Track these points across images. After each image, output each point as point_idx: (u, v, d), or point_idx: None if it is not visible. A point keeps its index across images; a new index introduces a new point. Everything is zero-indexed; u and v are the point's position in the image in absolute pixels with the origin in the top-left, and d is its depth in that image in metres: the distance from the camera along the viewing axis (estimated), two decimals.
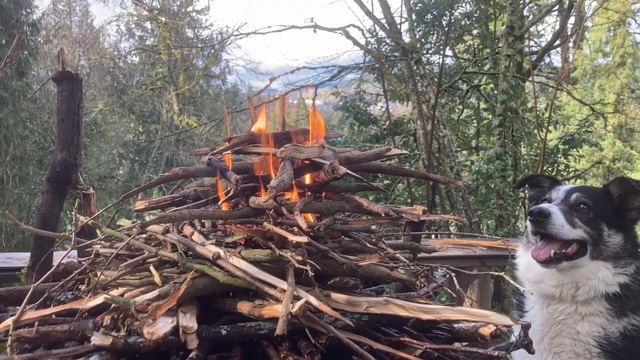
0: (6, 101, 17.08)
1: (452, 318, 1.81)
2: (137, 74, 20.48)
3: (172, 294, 1.63)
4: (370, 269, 1.96)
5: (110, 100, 19.96)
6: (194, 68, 20.29)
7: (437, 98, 8.12)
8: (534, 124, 11.90)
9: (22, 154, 17.74)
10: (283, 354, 1.76)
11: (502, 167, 8.01)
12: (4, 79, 15.73)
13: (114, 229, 2.22)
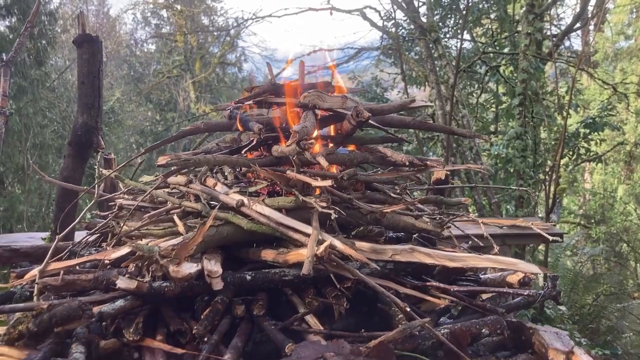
0: (25, 90, 17.27)
1: (479, 265, 1.78)
2: (154, 62, 20.55)
3: (198, 231, 1.61)
4: (395, 219, 1.93)
5: (127, 89, 20.07)
6: (210, 56, 20.30)
7: (456, 78, 8.00)
8: (554, 107, 11.70)
9: (41, 142, 17.95)
10: (308, 299, 1.74)
11: (522, 147, 7.89)
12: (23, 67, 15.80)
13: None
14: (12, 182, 17.60)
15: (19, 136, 17.12)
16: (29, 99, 17.13)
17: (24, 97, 17.01)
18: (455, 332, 1.66)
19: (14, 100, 15.75)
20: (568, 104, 9.26)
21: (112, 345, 1.56)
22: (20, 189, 16.63)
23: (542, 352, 1.66)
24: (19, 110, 16.84)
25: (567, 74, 15.25)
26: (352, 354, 1.42)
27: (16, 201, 16.43)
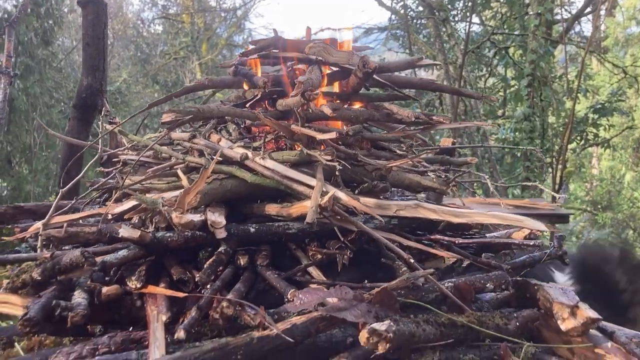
0: (32, 69, 17.28)
1: (485, 221, 1.76)
2: (161, 43, 20.48)
3: (201, 176, 1.60)
4: (400, 176, 1.91)
5: (134, 70, 20.03)
6: (217, 37, 20.19)
7: (464, 58, 7.93)
8: (562, 91, 11.58)
9: (48, 121, 18.00)
10: (311, 252, 1.73)
11: (530, 129, 7.83)
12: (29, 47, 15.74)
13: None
14: (19, 161, 17.68)
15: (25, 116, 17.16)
16: (36, 79, 17.14)
17: (31, 76, 17.03)
18: (459, 285, 1.64)
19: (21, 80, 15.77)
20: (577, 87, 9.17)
21: (114, 292, 1.56)
22: (27, 168, 16.71)
23: (547, 307, 1.64)
24: (26, 90, 16.87)
25: (576, 60, 15.07)
26: (355, 300, 1.41)
27: (23, 181, 16.53)
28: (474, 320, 1.51)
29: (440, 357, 1.44)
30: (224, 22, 20.05)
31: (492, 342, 1.53)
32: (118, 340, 1.40)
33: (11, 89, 14.47)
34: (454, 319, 1.48)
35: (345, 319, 1.35)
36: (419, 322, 1.41)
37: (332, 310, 1.35)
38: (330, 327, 1.38)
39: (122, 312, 1.64)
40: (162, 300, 1.47)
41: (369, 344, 1.31)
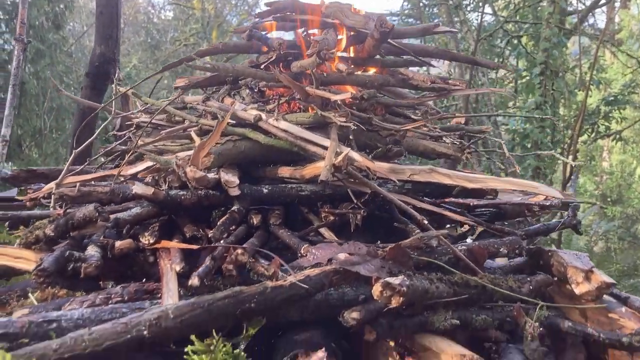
0: (43, 53, 17.32)
1: (499, 187, 1.75)
2: (171, 29, 20.46)
3: (215, 130, 1.59)
4: (414, 142, 1.90)
5: (144, 56, 20.03)
6: (228, 24, 20.13)
7: (476, 46, 7.86)
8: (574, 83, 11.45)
9: (58, 105, 18.05)
10: (324, 214, 1.73)
11: (541, 118, 7.75)
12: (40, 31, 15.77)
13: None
14: (30, 145, 17.78)
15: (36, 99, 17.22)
16: (47, 63, 17.18)
17: (42, 60, 17.08)
18: (472, 249, 1.63)
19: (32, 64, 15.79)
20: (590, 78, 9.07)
21: (127, 246, 1.56)
22: (37, 152, 16.79)
23: (560, 272, 1.63)
24: (37, 74, 16.92)
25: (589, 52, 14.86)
26: (369, 255, 1.40)
27: (33, 164, 16.63)
28: (487, 282, 1.50)
29: (453, 316, 1.44)
30: (234, 9, 19.98)
31: (505, 304, 1.52)
32: (131, 291, 1.40)
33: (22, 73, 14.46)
34: (468, 279, 1.47)
35: (358, 273, 1.34)
36: (432, 279, 1.41)
37: (346, 263, 1.34)
38: (343, 281, 1.37)
39: (134, 268, 1.64)
40: (176, 252, 1.47)
41: (382, 297, 1.30)
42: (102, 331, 1.11)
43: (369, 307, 1.35)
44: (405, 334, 1.39)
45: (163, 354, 1.27)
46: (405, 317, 1.39)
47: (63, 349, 1.07)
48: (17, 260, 1.73)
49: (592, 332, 1.46)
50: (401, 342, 1.41)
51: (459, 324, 1.43)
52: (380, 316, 1.37)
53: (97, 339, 1.10)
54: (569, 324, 1.50)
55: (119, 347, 1.11)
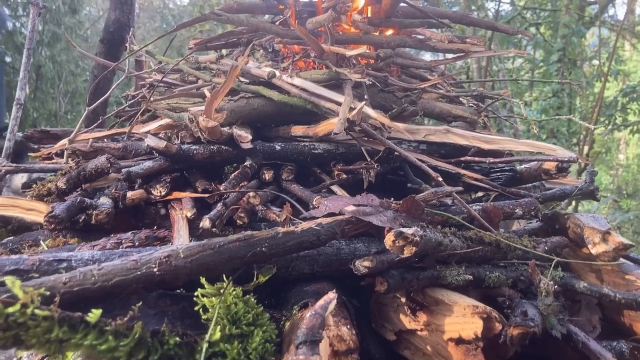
0: (59, 37, 17.45)
1: (515, 149, 1.72)
2: (187, 15, 20.48)
3: (229, 76, 1.57)
4: (430, 104, 1.87)
5: (159, 42, 20.10)
6: None
7: (493, 34, 7.74)
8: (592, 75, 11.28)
9: (73, 89, 18.19)
10: (337, 172, 1.71)
11: (558, 105, 7.65)
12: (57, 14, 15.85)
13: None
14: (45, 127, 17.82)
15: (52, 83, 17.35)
16: (62, 47, 17.30)
17: (58, 44, 17.19)
18: (487, 208, 1.61)
19: (48, 47, 15.89)
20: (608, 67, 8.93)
21: (139, 196, 1.56)
22: None
23: (577, 234, 1.60)
24: (53, 57, 17.04)
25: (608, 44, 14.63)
26: (382, 207, 1.38)
27: None
28: (501, 240, 1.48)
29: (466, 272, 1.41)
30: None
31: (520, 261, 1.50)
32: (142, 237, 1.39)
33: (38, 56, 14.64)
34: (482, 235, 1.44)
35: (371, 223, 1.33)
36: (446, 232, 1.38)
37: (358, 213, 1.32)
38: (354, 231, 1.35)
39: (146, 220, 1.63)
40: (187, 201, 1.46)
41: (394, 247, 1.28)
42: (112, 267, 1.10)
43: (381, 257, 1.33)
44: (417, 288, 1.37)
45: (172, 297, 1.26)
46: (418, 270, 1.37)
47: (72, 282, 1.07)
48: (29, 212, 1.73)
49: (607, 292, 1.43)
50: (412, 297, 1.39)
51: (472, 280, 1.41)
52: (392, 268, 1.35)
53: (106, 274, 1.09)
54: (584, 285, 1.47)
55: (128, 283, 1.10)
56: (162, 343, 1.09)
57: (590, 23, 9.94)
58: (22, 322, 0.93)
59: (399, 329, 1.44)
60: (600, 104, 8.45)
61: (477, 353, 1.25)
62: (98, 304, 1.04)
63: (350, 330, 1.24)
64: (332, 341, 1.20)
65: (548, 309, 1.31)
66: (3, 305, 0.91)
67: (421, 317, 1.38)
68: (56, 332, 0.96)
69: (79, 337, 0.99)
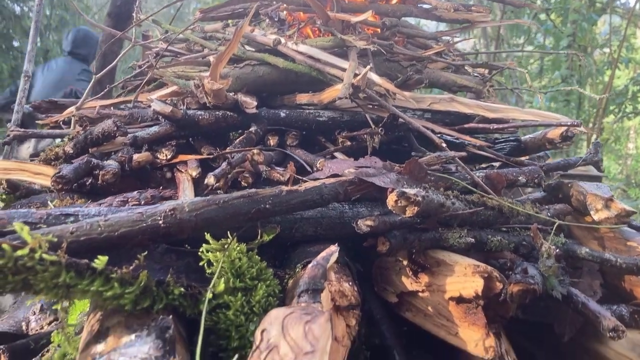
0: (67, 22, 17.49)
1: (520, 118, 1.72)
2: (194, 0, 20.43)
3: (234, 37, 1.57)
4: (436, 74, 1.87)
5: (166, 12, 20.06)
6: None
7: (502, 15, 7.68)
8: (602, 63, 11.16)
9: None
10: (341, 140, 1.71)
11: (567, 92, 7.59)
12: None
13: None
14: None
15: None
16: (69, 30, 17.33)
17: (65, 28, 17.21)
18: (490, 175, 1.61)
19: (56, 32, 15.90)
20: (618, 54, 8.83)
21: (145, 158, 1.57)
22: None
23: (580, 201, 1.60)
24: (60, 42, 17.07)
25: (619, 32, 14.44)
26: (385, 168, 1.39)
27: None
28: (504, 204, 1.48)
29: (468, 235, 1.42)
30: None
31: (522, 225, 1.51)
32: (148, 196, 1.41)
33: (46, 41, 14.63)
34: (485, 199, 1.45)
35: (374, 184, 1.33)
36: (448, 195, 1.39)
37: (361, 174, 1.34)
38: (358, 191, 1.36)
39: (151, 184, 1.65)
40: (193, 162, 1.48)
41: (397, 207, 1.29)
42: (118, 218, 1.12)
43: (383, 218, 1.34)
44: (418, 249, 1.38)
45: (177, 252, 1.28)
46: (420, 231, 1.38)
47: (79, 232, 1.09)
48: (36, 176, 1.75)
49: (609, 257, 1.43)
50: (414, 259, 1.41)
51: (474, 243, 1.42)
52: (394, 229, 1.36)
53: (112, 224, 1.11)
54: (586, 251, 1.48)
55: (133, 234, 1.12)
56: (166, 293, 1.11)
57: (602, 10, 9.82)
58: (30, 266, 0.95)
59: (400, 291, 1.45)
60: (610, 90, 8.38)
61: (478, 312, 1.26)
62: (104, 254, 1.06)
63: (352, 286, 1.25)
64: (334, 296, 1.21)
65: (549, 270, 1.32)
66: (12, 249, 0.93)
67: (422, 278, 1.39)
68: (63, 277, 0.98)
69: (85, 283, 1.01)
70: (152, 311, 1.08)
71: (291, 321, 0.92)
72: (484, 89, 1.84)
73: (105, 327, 1.06)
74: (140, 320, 1.06)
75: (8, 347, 1.58)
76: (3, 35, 13.63)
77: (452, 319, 1.31)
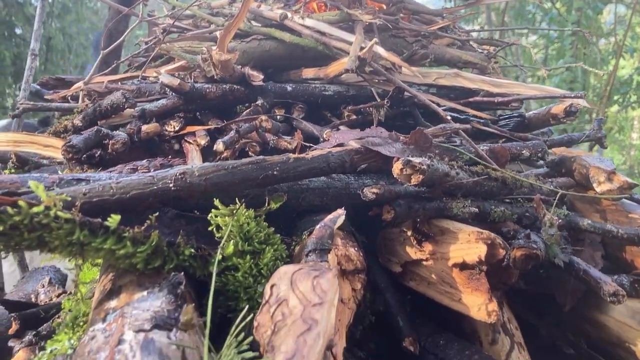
0: (70, 9, 17.44)
1: (524, 93, 1.73)
2: None
3: (242, 7, 1.59)
4: (441, 50, 1.88)
5: None
6: None
7: (507, 3, 7.65)
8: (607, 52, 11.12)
9: (83, 62, 18.20)
10: (346, 114, 1.73)
11: (571, 79, 7.58)
12: None
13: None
14: None
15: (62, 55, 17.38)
16: (73, 19, 17.27)
17: (68, 16, 17.17)
18: (494, 148, 1.63)
19: (58, 19, 15.87)
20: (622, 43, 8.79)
21: (153, 129, 1.59)
22: None
23: (582, 174, 1.62)
24: (63, 29, 17.04)
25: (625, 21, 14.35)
26: (390, 138, 1.41)
27: None
28: (508, 176, 1.50)
29: (472, 205, 1.44)
30: None
31: (525, 199, 1.53)
32: (157, 164, 1.43)
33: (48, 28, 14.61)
34: (489, 170, 1.47)
35: (379, 153, 1.36)
36: (453, 165, 1.41)
37: (367, 143, 1.35)
38: (363, 161, 1.39)
39: (160, 157, 1.67)
40: (201, 131, 1.50)
41: (402, 175, 1.31)
42: (129, 181, 1.14)
43: (389, 187, 1.37)
44: (423, 218, 1.41)
45: (187, 218, 1.30)
46: (424, 200, 1.40)
47: (92, 193, 1.11)
48: (46, 149, 1.78)
49: (610, 228, 1.45)
50: (418, 228, 1.43)
51: (477, 213, 1.44)
52: (399, 198, 1.39)
53: (124, 187, 1.13)
54: (588, 222, 1.50)
55: (144, 196, 1.14)
56: (177, 254, 1.13)
57: None
58: (45, 223, 0.97)
59: (404, 261, 1.48)
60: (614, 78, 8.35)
61: (481, 277, 1.28)
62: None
63: (357, 251, 1.28)
64: (340, 260, 1.24)
65: (551, 238, 1.34)
66: (28, 206, 0.96)
67: (427, 247, 1.41)
68: (77, 234, 1.00)
69: (98, 241, 1.03)
70: (163, 271, 1.11)
71: (300, 276, 0.95)
72: (489, 65, 1.86)
73: (118, 285, 1.09)
74: (151, 279, 1.09)
75: (19, 315, 1.61)
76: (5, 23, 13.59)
77: (456, 285, 1.34)
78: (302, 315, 0.85)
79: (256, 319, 0.92)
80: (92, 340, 0.91)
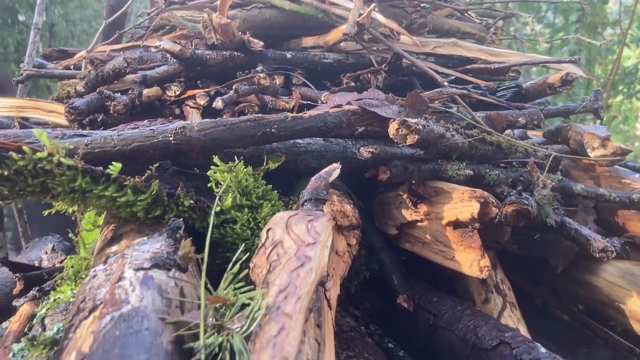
0: None
1: (521, 61, 1.75)
2: None
3: None
4: (440, 21, 1.90)
5: None
6: None
7: None
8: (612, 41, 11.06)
9: None
10: (345, 81, 1.75)
11: None
12: None
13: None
14: None
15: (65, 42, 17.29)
16: (76, 5, 17.24)
17: (71, 2, 17.14)
18: (491, 115, 1.65)
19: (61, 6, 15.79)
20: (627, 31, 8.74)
21: (154, 93, 1.62)
22: None
23: (577, 141, 1.64)
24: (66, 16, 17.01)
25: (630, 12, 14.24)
26: (387, 100, 1.43)
27: None
28: (503, 140, 1.53)
29: (466, 168, 1.47)
30: None
31: (520, 164, 1.55)
32: (158, 124, 1.46)
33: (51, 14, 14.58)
34: (484, 135, 1.49)
35: (376, 114, 1.38)
36: (449, 127, 1.43)
37: (364, 104, 1.38)
38: (360, 122, 1.41)
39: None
40: (201, 93, 1.52)
41: (398, 135, 1.34)
42: (130, 134, 1.17)
43: (385, 148, 1.39)
44: (418, 179, 1.43)
45: (187, 175, 1.33)
46: (420, 162, 1.42)
47: (94, 144, 1.14)
48: (49, 114, 1.81)
49: (603, 192, 1.48)
50: (414, 189, 1.46)
51: (472, 176, 1.46)
52: (395, 159, 1.41)
53: (125, 139, 1.16)
54: (581, 187, 1.52)
55: (145, 149, 1.17)
56: (177, 204, 1.16)
57: None
58: (49, 169, 1.00)
59: (400, 223, 1.51)
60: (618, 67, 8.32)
61: (473, 234, 1.31)
62: None
63: (353, 208, 1.31)
64: (336, 216, 1.27)
65: (544, 198, 1.36)
66: (32, 151, 0.98)
67: (421, 208, 1.44)
68: (79, 181, 1.03)
69: (100, 188, 1.06)
70: (163, 221, 1.14)
71: (295, 220, 0.98)
72: (487, 35, 1.87)
73: (119, 233, 1.12)
74: (152, 227, 1.12)
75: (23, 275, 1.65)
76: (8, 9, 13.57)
77: (449, 244, 1.36)
78: (296, 254, 0.88)
79: (252, 261, 0.95)
80: (94, 278, 0.94)
